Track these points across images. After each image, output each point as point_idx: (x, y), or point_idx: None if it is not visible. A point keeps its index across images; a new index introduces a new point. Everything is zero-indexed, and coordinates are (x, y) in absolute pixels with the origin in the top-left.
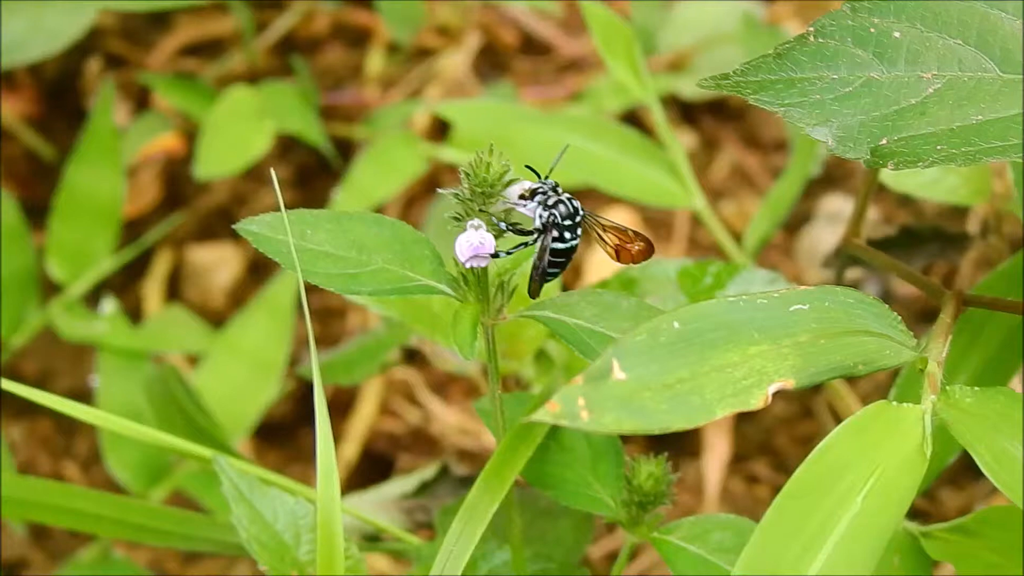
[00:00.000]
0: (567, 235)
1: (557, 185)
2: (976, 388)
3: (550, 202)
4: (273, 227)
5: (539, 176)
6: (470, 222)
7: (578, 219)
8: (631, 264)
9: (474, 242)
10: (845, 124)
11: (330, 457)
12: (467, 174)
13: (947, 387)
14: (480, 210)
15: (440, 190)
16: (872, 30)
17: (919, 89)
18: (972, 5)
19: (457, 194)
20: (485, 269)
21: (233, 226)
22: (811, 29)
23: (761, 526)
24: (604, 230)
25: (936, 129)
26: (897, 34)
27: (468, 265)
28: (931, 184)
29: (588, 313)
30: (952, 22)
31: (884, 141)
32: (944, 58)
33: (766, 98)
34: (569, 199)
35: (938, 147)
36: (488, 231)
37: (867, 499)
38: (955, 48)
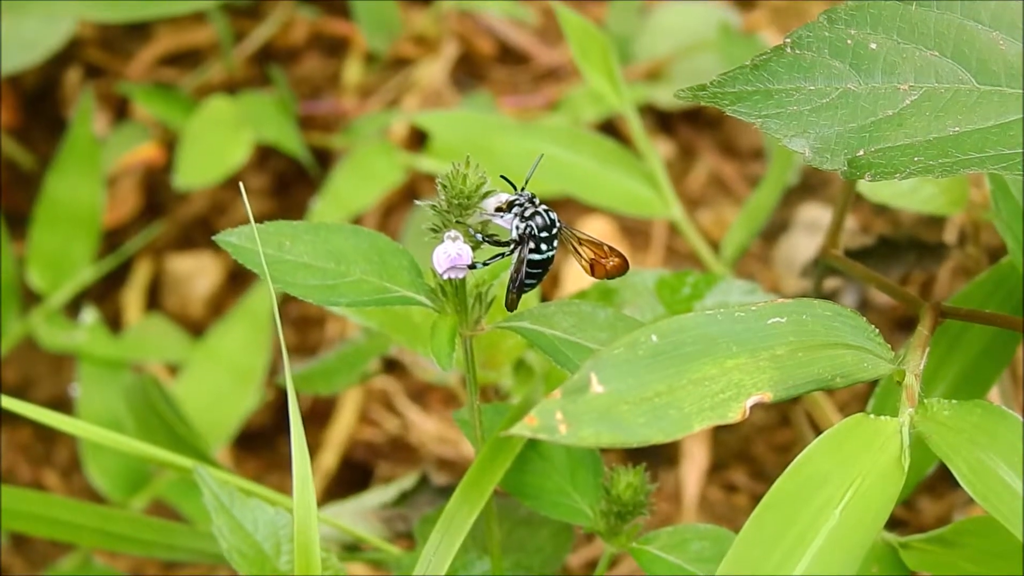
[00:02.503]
0: (543, 247)
1: (534, 196)
2: (953, 401)
3: (527, 214)
4: (252, 239)
5: (515, 187)
6: (447, 233)
7: (555, 231)
8: (605, 279)
9: (451, 253)
10: (822, 135)
11: (306, 470)
12: (444, 185)
13: (924, 400)
14: (457, 221)
15: (418, 202)
16: (849, 41)
17: (896, 100)
18: (948, 16)
19: (434, 205)
20: (463, 280)
21: (213, 237)
22: (788, 40)
23: (739, 538)
24: (580, 243)
25: (913, 140)
26: (874, 45)
27: (445, 276)
28: (908, 194)
29: (565, 324)
30: (929, 33)
31: (861, 152)
32: (921, 69)
33: (743, 109)
34: (546, 211)
35: (915, 158)
36: (465, 242)
37: (845, 512)
38: (932, 59)
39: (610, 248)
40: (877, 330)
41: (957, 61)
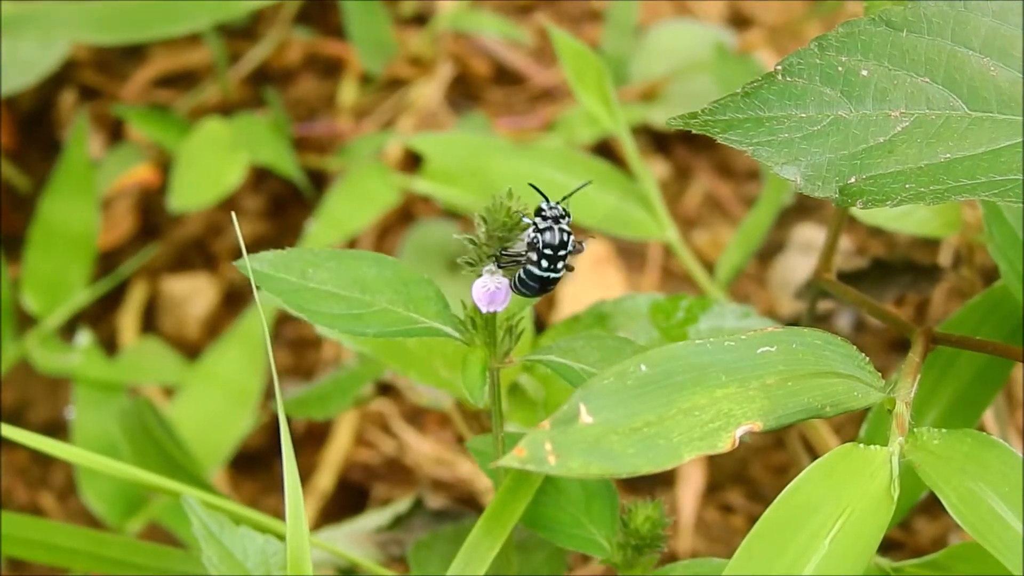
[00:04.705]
0: (543, 263)
1: (563, 215)
2: (944, 430)
3: (542, 226)
4: (276, 265)
5: (547, 199)
6: (485, 268)
7: (561, 253)
8: None
9: (490, 288)
10: (813, 163)
11: (298, 504)
12: (483, 219)
13: (915, 429)
14: (493, 255)
15: (456, 235)
16: (840, 68)
17: (887, 127)
18: (939, 43)
19: (472, 239)
20: (494, 312)
21: (233, 263)
22: (779, 68)
23: (730, 567)
24: None
25: (904, 167)
26: (865, 72)
27: (486, 311)
28: (901, 216)
29: (593, 357)
30: (920, 60)
31: (852, 180)
32: (912, 96)
33: (735, 137)
34: (561, 230)
35: (906, 185)
36: (503, 276)
37: (835, 541)
38: (923, 86)
39: None
40: (868, 358)
41: (948, 88)
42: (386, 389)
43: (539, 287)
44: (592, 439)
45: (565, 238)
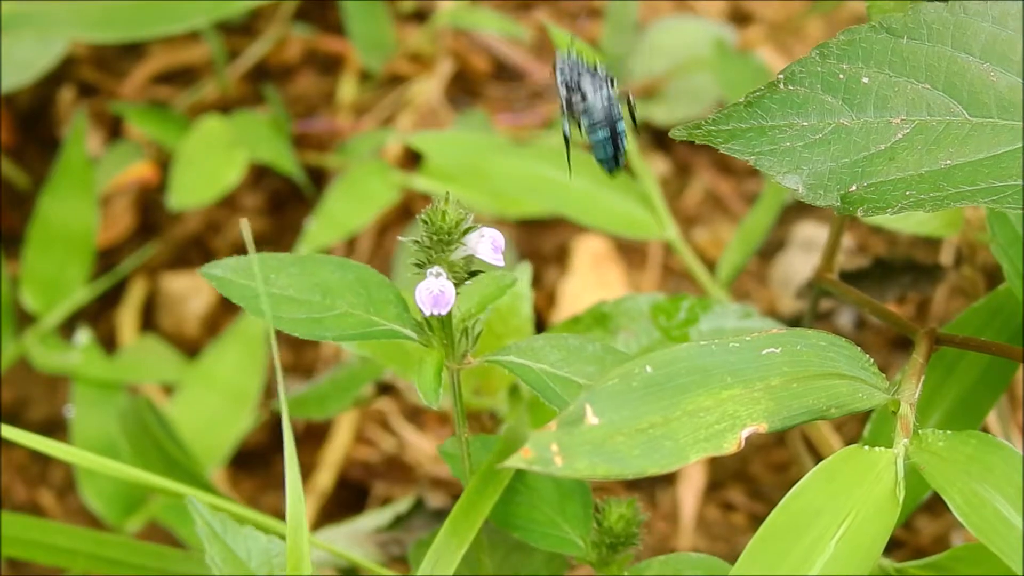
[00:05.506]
0: (588, 96)
1: (576, 61)
2: (948, 432)
3: (559, 81)
4: (238, 271)
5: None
6: (430, 270)
7: (590, 80)
8: None
9: (433, 290)
10: (815, 171)
11: (299, 507)
12: (424, 222)
13: (919, 431)
14: (439, 257)
15: (401, 238)
16: (841, 76)
17: (888, 134)
18: (939, 49)
19: (418, 241)
20: (449, 314)
21: (198, 270)
22: (781, 76)
23: (734, 570)
24: None
25: (905, 174)
26: (866, 80)
27: (428, 313)
28: (902, 217)
29: (553, 358)
30: (920, 67)
31: (854, 187)
32: (913, 103)
33: (737, 147)
34: (573, 69)
35: (907, 192)
36: (448, 279)
37: (840, 544)
38: (923, 92)
39: None
40: (872, 359)
41: (948, 94)
42: (386, 389)
43: (605, 122)
44: (598, 440)
45: (583, 68)
